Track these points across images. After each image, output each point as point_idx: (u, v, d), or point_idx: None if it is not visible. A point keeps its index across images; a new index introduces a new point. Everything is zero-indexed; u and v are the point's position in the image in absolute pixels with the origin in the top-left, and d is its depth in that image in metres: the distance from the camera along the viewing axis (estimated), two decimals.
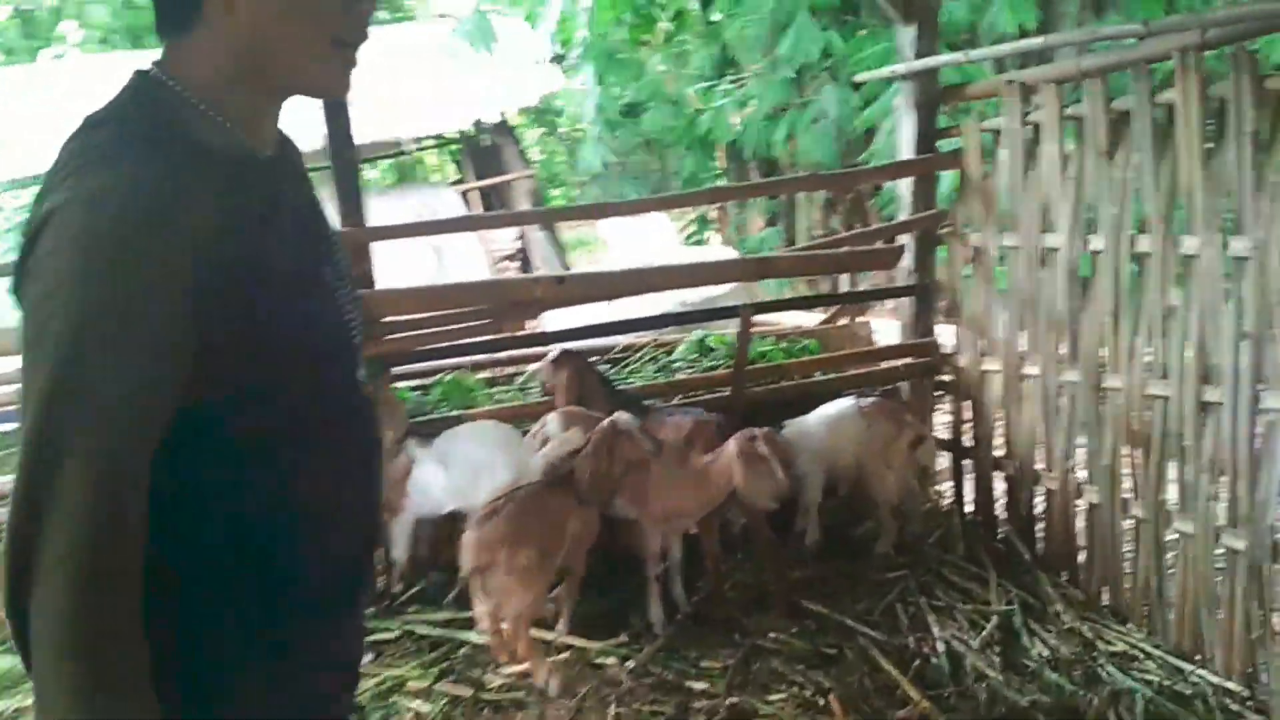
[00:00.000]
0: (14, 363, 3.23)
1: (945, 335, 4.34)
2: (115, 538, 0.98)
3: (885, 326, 5.46)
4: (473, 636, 3.32)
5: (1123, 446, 3.38)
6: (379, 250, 3.75)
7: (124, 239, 0.99)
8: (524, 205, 11.58)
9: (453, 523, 3.56)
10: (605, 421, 3.21)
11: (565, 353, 3.81)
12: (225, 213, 1.07)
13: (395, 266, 9.91)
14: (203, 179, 1.06)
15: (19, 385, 1.03)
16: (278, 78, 1.16)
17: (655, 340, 4.73)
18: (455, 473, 3.41)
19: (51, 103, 10.50)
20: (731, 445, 3.15)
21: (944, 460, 4.37)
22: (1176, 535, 3.21)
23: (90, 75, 11.85)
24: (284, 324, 1.11)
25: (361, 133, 11.61)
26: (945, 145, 4.09)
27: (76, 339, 0.97)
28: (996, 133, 3.76)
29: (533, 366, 4.14)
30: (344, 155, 3.62)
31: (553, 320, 7.57)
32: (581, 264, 12.48)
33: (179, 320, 1.01)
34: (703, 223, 10.91)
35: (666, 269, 4.08)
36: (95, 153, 1.05)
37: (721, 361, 4.40)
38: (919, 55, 3.91)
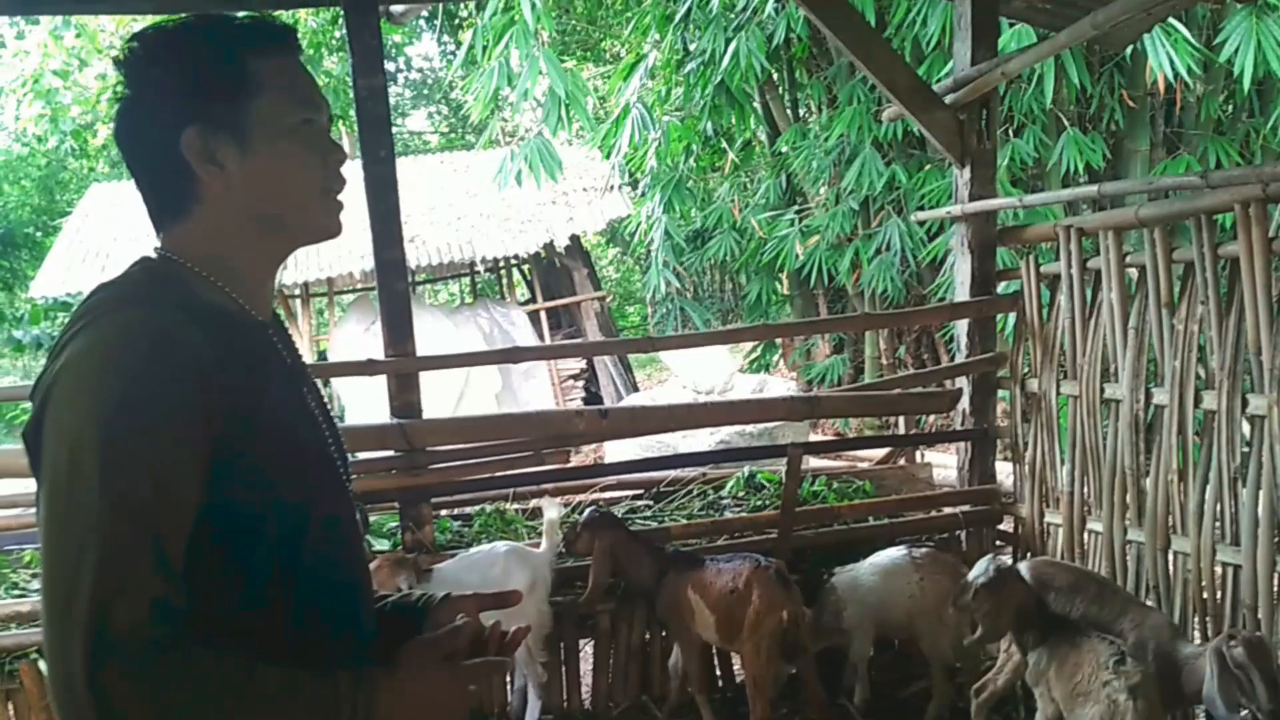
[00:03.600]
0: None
1: (1004, 471, 4.16)
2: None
3: (945, 460, 5.28)
4: None
5: (1193, 615, 3.14)
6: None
7: (137, 373, 1.07)
8: (592, 324, 11.71)
9: None
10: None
11: (595, 519, 3.51)
12: (220, 354, 1.13)
13: (463, 382, 10.11)
14: (199, 326, 1.13)
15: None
16: (285, 233, 1.26)
17: (703, 475, 4.62)
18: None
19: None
20: None
21: None
22: None
23: None
24: (278, 455, 1.16)
25: (440, 253, 12.05)
26: (1009, 285, 3.99)
27: (105, 472, 1.03)
28: (1056, 277, 3.66)
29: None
30: (393, 287, 3.67)
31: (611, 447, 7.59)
32: (648, 385, 12.49)
33: (192, 444, 1.08)
34: (769, 348, 10.84)
35: (712, 405, 4.02)
36: (99, 309, 1.14)
37: (770, 501, 4.27)
38: (974, 197, 3.85)
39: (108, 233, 11.45)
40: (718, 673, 3.91)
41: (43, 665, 3.15)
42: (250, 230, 1.22)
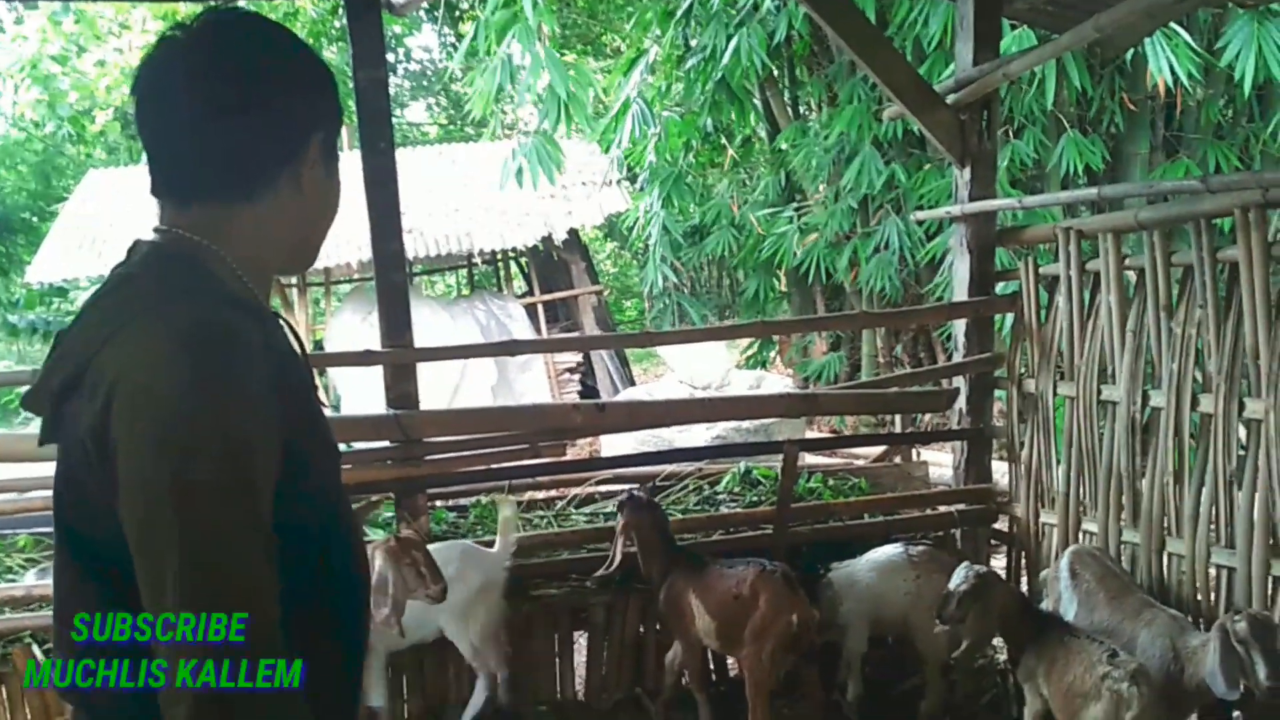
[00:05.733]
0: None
1: (999, 470, 4.17)
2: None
3: (940, 459, 5.29)
4: None
5: (1188, 617, 3.15)
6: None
7: (223, 377, 1.03)
8: (589, 318, 11.71)
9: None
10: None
11: (626, 500, 3.62)
12: (267, 349, 1.13)
13: (459, 374, 10.10)
14: (245, 319, 1.13)
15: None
16: (301, 253, 1.29)
17: (699, 470, 4.63)
18: None
19: (148, 204, 11.00)
20: None
21: None
22: None
23: None
24: (316, 450, 1.18)
25: (437, 244, 12.04)
26: (1008, 286, 4.00)
27: (222, 485, 1.01)
28: (1055, 278, 3.67)
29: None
30: (391, 279, 3.66)
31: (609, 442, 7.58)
32: (644, 380, 12.50)
33: (274, 442, 1.07)
34: (765, 344, 10.85)
35: (708, 401, 4.02)
36: (143, 301, 1.10)
37: (766, 497, 4.27)
38: (974, 197, 3.85)
39: (104, 219, 11.41)
40: (711, 667, 3.92)
41: (37, 650, 3.17)
42: (293, 238, 1.26)
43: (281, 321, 1.27)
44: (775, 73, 9.27)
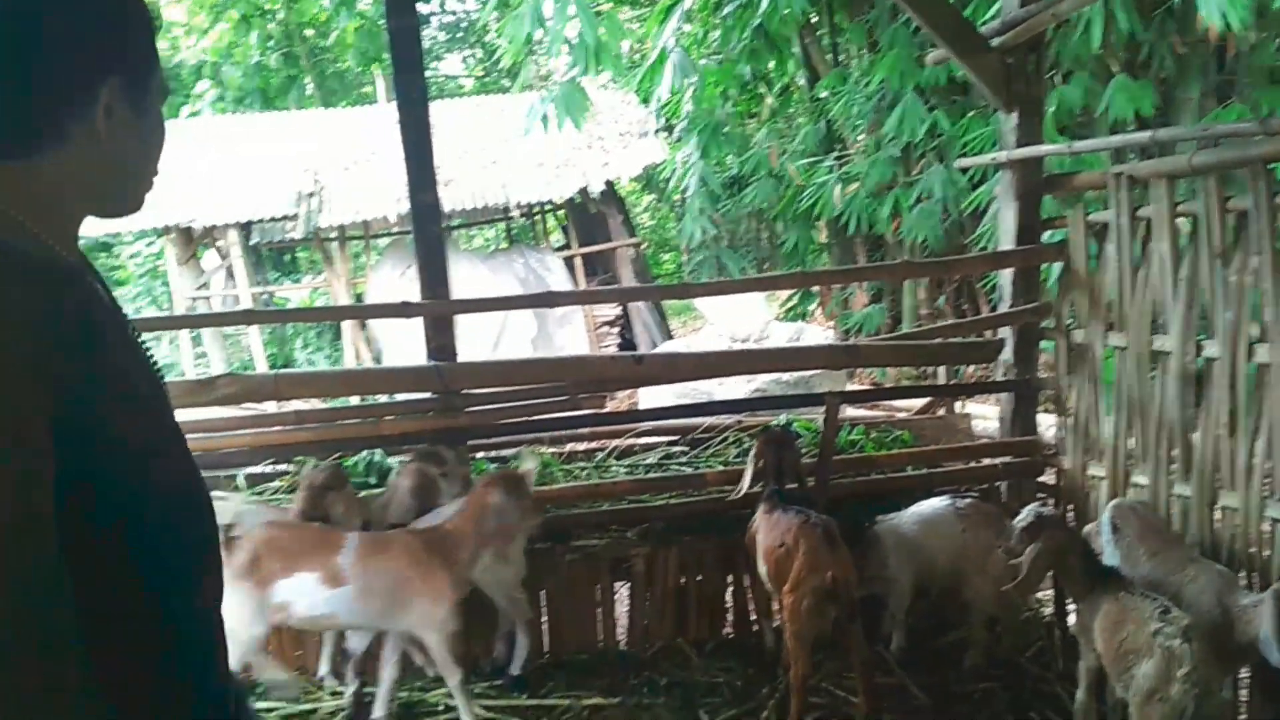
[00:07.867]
0: None
1: (1045, 423, 4.11)
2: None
3: (984, 411, 5.23)
4: None
5: (1241, 571, 3.10)
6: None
7: None
8: (627, 271, 11.68)
9: None
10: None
11: (765, 434, 3.69)
12: (50, 316, 1.07)
13: (499, 328, 10.12)
14: (24, 285, 1.06)
15: None
16: (110, 201, 1.25)
17: (739, 422, 4.61)
18: None
19: (188, 159, 11.11)
20: None
21: None
22: None
23: (226, 134, 12.53)
24: (117, 419, 1.11)
25: (474, 197, 12.01)
26: (1055, 234, 3.91)
27: None
28: (1105, 226, 3.58)
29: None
30: (428, 230, 3.65)
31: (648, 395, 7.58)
32: (682, 333, 12.47)
33: (35, 420, 1.02)
34: (805, 296, 10.76)
35: (748, 353, 3.99)
36: None
37: (807, 450, 4.24)
38: (1020, 143, 3.75)
39: None
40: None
41: None
42: (97, 186, 1.21)
43: (88, 277, 1.21)
44: (814, 19, 9.10)
